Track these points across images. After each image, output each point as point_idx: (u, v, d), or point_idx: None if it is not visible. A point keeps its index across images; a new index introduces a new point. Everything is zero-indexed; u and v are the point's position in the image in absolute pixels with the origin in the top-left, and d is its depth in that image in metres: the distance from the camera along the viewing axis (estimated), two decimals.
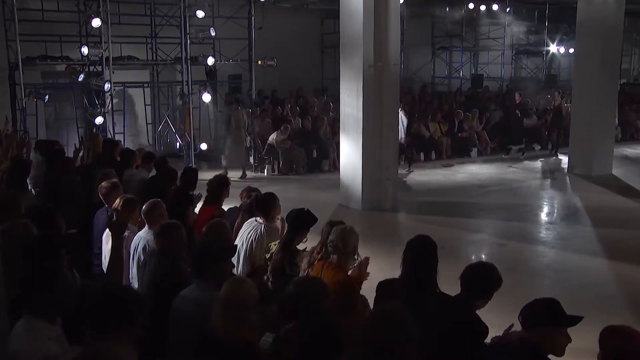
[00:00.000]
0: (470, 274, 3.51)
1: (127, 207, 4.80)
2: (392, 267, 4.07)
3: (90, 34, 12.40)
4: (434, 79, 21.27)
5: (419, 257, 3.76)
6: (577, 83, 13.71)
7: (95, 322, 2.56)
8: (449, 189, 12.40)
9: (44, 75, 13.77)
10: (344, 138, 10.64)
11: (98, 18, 11.40)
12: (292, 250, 4.40)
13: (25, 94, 11.54)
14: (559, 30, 20.94)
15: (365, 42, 9.80)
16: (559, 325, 2.99)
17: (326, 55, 18.28)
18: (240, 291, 3.01)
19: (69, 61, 12.86)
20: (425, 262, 3.75)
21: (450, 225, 9.38)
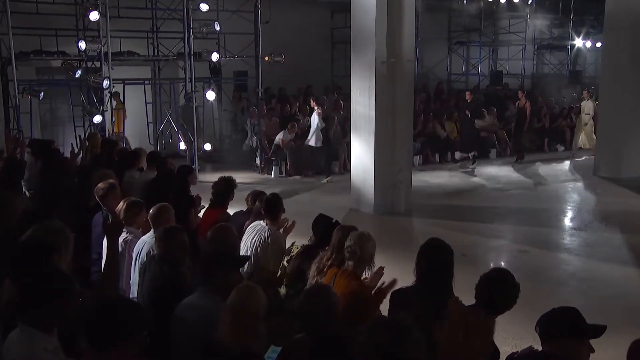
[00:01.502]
0: (485, 283, 3.47)
1: (132, 210, 4.81)
2: (407, 273, 4.05)
3: (88, 28, 12.46)
4: (450, 75, 21.23)
5: (433, 262, 3.74)
6: (605, 79, 13.64)
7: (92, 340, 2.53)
8: (466, 192, 12.36)
9: (38, 71, 13.84)
10: (355, 138, 10.64)
11: (96, 11, 11.41)
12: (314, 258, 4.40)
13: (19, 90, 11.54)
14: (584, 23, 20.80)
15: (378, 37, 9.80)
16: (581, 336, 2.93)
17: (336, 51, 18.30)
18: (250, 299, 3.01)
19: (66, 56, 12.90)
20: (440, 268, 3.73)
21: (468, 231, 9.36)
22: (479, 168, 14.47)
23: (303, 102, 16.08)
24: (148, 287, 3.97)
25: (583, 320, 2.97)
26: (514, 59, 21.10)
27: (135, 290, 4.34)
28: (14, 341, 2.68)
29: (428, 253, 3.78)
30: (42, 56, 12.76)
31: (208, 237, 4.41)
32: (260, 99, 14.16)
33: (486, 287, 3.42)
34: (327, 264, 4.14)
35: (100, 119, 11.85)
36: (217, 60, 13.57)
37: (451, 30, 21.03)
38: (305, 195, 11.51)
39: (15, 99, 11.57)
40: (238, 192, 6.21)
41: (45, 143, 9.03)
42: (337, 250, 4.14)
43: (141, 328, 2.56)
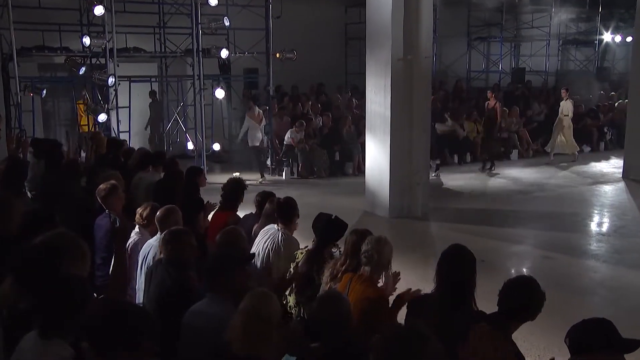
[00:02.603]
0: (508, 290, 3.43)
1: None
2: (425, 280, 4.04)
3: (93, 23, 12.51)
4: (470, 73, 21.16)
5: (455, 270, 3.71)
6: (636, 76, 13.51)
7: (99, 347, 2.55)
8: (486, 194, 12.30)
9: (41, 67, 13.93)
10: (369, 138, 10.63)
11: (101, 5, 11.43)
12: (320, 261, 4.39)
13: (21, 88, 11.62)
14: (614, 16, 20.63)
15: (394, 32, 9.77)
16: (615, 350, 2.90)
17: (350, 47, 18.30)
18: (265, 305, 3.02)
19: (69, 52, 13.01)
20: (461, 276, 3.70)
21: (488, 235, 9.30)
22: (501, 170, 14.38)
23: (315, 100, 16.10)
24: (155, 292, 3.98)
25: (617, 333, 2.94)
26: (537, 55, 20.99)
27: (141, 295, 4.35)
28: (28, 347, 2.70)
29: (450, 260, 3.75)
30: (44, 52, 12.87)
31: (217, 241, 4.42)
32: (271, 97, 14.18)
33: (510, 294, 3.38)
34: (342, 269, 4.14)
35: (105, 117, 11.89)
36: (227, 57, 13.61)
37: (471, 26, 20.95)
38: (318, 197, 11.51)
39: (17, 96, 11.62)
40: (248, 194, 6.22)
41: (48, 143, 9.10)
42: (352, 255, 4.14)
43: (149, 335, 2.57)
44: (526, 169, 14.70)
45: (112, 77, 11.77)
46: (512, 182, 13.42)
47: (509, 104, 17.10)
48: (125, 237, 3.73)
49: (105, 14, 11.57)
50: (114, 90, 12.07)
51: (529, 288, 3.41)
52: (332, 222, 4.58)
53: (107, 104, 12.11)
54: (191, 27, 12.99)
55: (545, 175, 14.06)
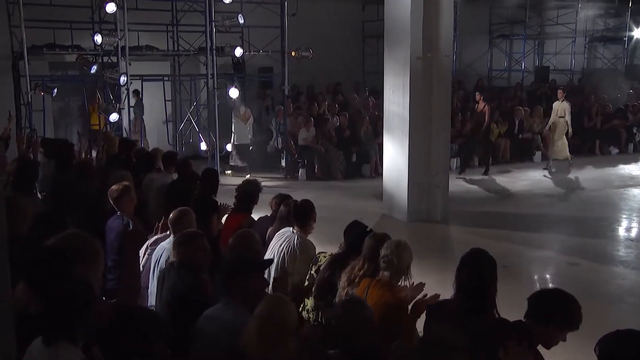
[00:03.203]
0: (540, 300, 3.40)
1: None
2: (444, 286, 4.03)
3: (104, 21, 12.64)
4: (491, 72, 21.06)
5: (475, 275, 3.71)
6: None
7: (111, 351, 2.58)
8: (508, 198, 12.24)
9: (51, 66, 14.10)
10: (387, 139, 10.62)
11: (113, 2, 11.51)
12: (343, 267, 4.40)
13: (31, 87, 11.70)
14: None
15: (413, 30, 9.76)
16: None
17: (368, 45, 18.31)
18: (282, 311, 3.03)
19: (80, 51, 13.14)
20: (482, 281, 3.69)
21: (510, 240, 9.26)
22: (523, 172, 14.28)
23: (332, 100, 16.11)
24: (167, 296, 4.00)
25: None
26: (562, 53, 20.81)
27: (153, 299, 4.38)
28: (38, 353, 2.73)
29: (470, 264, 3.74)
30: (55, 50, 12.98)
31: (230, 244, 4.44)
32: (287, 96, 14.21)
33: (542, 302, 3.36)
34: (359, 274, 4.15)
35: (117, 117, 11.97)
36: (241, 55, 13.66)
37: (492, 23, 20.84)
38: (334, 199, 11.52)
39: (27, 95, 11.72)
40: (262, 196, 6.24)
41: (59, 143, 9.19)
42: (369, 260, 4.15)
43: (161, 340, 2.60)
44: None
45: (124, 76, 11.86)
46: (536, 184, 13.33)
47: (532, 103, 16.99)
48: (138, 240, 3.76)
49: (117, 11, 11.65)
50: (126, 90, 12.17)
51: (565, 303, 3.38)
52: (367, 235, 4.57)
53: (119, 104, 12.20)
54: (205, 25, 13.03)
55: (571, 177, 13.95)
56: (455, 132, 14.38)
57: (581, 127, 16.58)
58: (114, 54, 12.20)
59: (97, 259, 3.41)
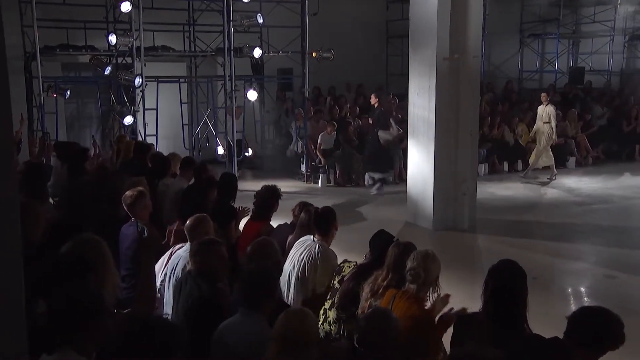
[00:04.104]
0: (584, 321, 3.36)
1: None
2: (472, 298, 4.02)
3: (119, 20, 12.78)
4: (522, 73, 20.92)
5: (504, 287, 3.70)
6: None
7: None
8: (539, 206, 12.15)
9: (64, 67, 14.27)
10: (412, 144, 10.61)
11: (128, 1, 11.62)
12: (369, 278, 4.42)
13: (44, 88, 11.86)
14: None
15: (440, 30, 9.75)
16: None
17: (392, 46, 18.30)
18: (302, 324, 3.06)
19: (94, 51, 13.27)
20: (511, 294, 3.69)
21: (541, 251, 9.20)
22: (557, 179, 14.17)
23: (354, 103, 16.12)
24: (184, 305, 4.04)
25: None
26: (599, 53, 20.58)
27: (169, 309, 4.43)
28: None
29: (498, 276, 3.73)
30: (69, 51, 13.11)
31: (248, 252, 4.47)
32: (307, 99, 14.26)
33: (583, 323, 3.34)
34: (383, 284, 4.15)
35: (131, 120, 12.09)
36: (260, 56, 13.69)
37: (523, 22, 20.69)
38: (357, 207, 11.53)
39: (40, 97, 11.87)
40: (282, 202, 6.27)
41: (72, 147, 9.31)
42: (394, 270, 4.15)
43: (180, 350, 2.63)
44: (585, 178, 14.46)
45: (138, 78, 11.96)
46: (569, 192, 13.21)
47: (566, 106, 16.85)
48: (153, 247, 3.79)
49: (132, 10, 11.75)
50: (141, 92, 12.25)
51: (610, 324, 3.35)
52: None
53: (134, 106, 12.29)
54: (222, 25, 13.10)
55: (608, 185, 13.79)
56: (483, 137, 14.31)
57: (619, 131, 16.39)
58: (129, 55, 12.32)
59: (108, 267, 3.45)
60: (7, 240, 1.75)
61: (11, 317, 1.75)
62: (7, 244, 1.75)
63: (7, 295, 1.72)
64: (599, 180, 14.25)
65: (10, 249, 1.75)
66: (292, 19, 13.86)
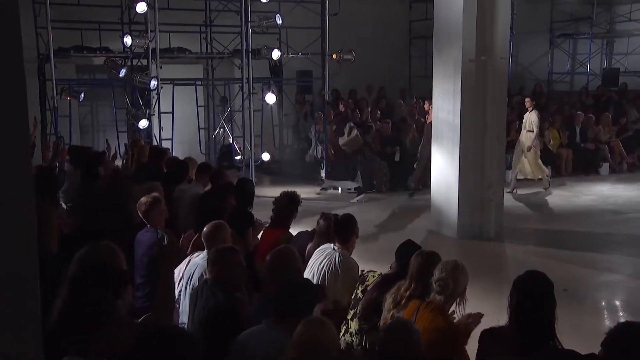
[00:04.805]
0: (626, 336, 3.28)
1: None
2: (498, 311, 4.01)
3: (134, 21, 12.89)
4: (552, 75, 20.78)
5: (529, 299, 3.67)
6: None
7: None
8: (570, 214, 12.03)
9: (78, 69, 14.44)
10: (436, 149, 10.59)
11: (144, 2, 11.69)
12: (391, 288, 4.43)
13: (57, 91, 11.97)
14: None
15: (466, 30, 9.73)
16: None
17: (415, 47, 18.29)
18: (321, 334, 3.09)
19: (109, 53, 13.40)
20: (539, 307, 3.66)
21: (572, 262, 9.11)
22: (588, 186, 14.05)
23: (375, 106, 16.12)
24: (200, 315, 4.08)
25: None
26: (635, 54, 20.33)
27: (185, 318, 4.46)
28: None
29: (524, 288, 3.71)
30: (83, 53, 13.27)
31: (267, 261, 4.49)
32: (327, 102, 14.27)
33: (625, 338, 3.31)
34: (406, 294, 4.16)
35: (146, 123, 12.15)
36: (278, 58, 13.76)
37: (554, 21, 20.57)
38: (379, 214, 11.52)
39: (53, 100, 12.00)
40: (301, 209, 6.30)
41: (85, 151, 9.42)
42: (417, 280, 4.15)
43: None
44: (619, 185, 14.33)
45: (154, 80, 12.02)
46: (602, 200, 13.08)
47: (599, 110, 16.71)
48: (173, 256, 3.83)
49: (148, 11, 11.83)
50: (156, 94, 12.33)
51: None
52: None
53: (149, 109, 12.39)
54: (240, 26, 13.15)
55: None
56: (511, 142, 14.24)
57: None
58: (144, 57, 12.42)
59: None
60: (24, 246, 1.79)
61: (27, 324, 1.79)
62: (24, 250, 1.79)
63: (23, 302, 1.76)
64: (634, 187, 14.09)
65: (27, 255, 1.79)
66: (312, 20, 13.91)
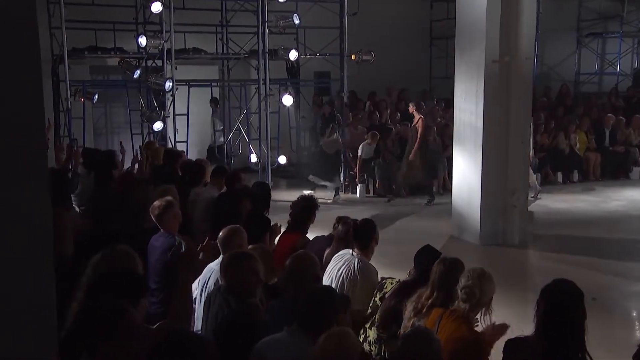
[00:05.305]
0: None
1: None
2: (523, 321, 3.98)
3: (149, 21, 13.00)
4: (579, 76, 20.59)
5: (558, 309, 3.64)
6: None
7: None
8: (598, 220, 11.92)
9: (92, 70, 14.58)
10: (458, 152, 10.56)
11: (159, 2, 11.75)
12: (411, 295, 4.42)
13: (71, 92, 12.08)
14: None
15: (489, 29, 9.70)
16: None
17: (436, 47, 18.24)
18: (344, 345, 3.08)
19: (123, 54, 13.51)
20: (567, 317, 3.63)
21: (601, 270, 9.02)
22: (617, 191, 13.92)
23: (395, 108, 16.10)
24: (212, 322, 4.08)
25: None
26: None
27: (199, 324, 4.47)
28: None
29: (552, 297, 3.67)
30: (97, 53, 13.38)
31: (286, 267, 4.49)
32: (345, 104, 14.27)
33: None
34: (427, 303, 4.15)
35: (161, 125, 12.19)
36: (296, 59, 13.78)
37: (582, 20, 20.34)
38: (398, 219, 11.50)
39: (67, 101, 12.10)
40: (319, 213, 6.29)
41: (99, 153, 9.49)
42: (439, 288, 4.14)
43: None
44: None
45: (169, 81, 12.07)
46: (633, 205, 12.94)
47: (629, 112, 16.55)
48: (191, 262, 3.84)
49: (163, 11, 11.90)
50: (171, 96, 12.39)
51: None
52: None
53: (164, 111, 12.45)
54: (257, 26, 13.16)
55: None
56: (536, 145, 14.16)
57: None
58: (159, 57, 12.50)
59: None
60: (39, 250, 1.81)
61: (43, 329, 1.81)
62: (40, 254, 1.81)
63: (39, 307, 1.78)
64: None
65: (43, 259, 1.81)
66: (330, 20, 13.91)
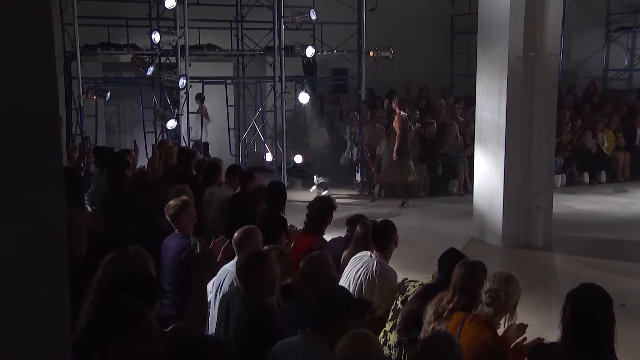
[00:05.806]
0: None
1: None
2: (548, 326, 3.96)
3: (163, 17, 13.08)
4: (607, 72, 20.41)
5: (586, 314, 3.62)
6: None
7: None
8: (627, 223, 11.83)
9: (105, 67, 14.69)
10: (479, 152, 10.53)
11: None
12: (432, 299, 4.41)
13: (84, 90, 12.15)
14: None
15: (513, 25, 9.66)
16: None
17: (457, 43, 18.18)
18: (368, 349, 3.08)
19: (136, 50, 13.60)
20: (595, 323, 3.60)
21: (629, 274, 8.94)
22: None
23: (415, 106, 16.05)
24: (234, 326, 4.09)
25: None
26: None
27: (213, 328, 4.49)
28: None
29: (579, 302, 3.65)
30: (110, 50, 13.48)
31: (300, 268, 4.50)
32: (363, 102, 14.26)
33: None
34: (448, 307, 4.14)
35: (174, 124, 12.22)
36: (312, 55, 13.79)
37: (610, 13, 20.12)
38: (416, 220, 11.48)
39: (79, 99, 12.18)
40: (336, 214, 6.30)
41: (112, 152, 9.56)
42: (460, 291, 4.13)
43: None
44: None
45: (183, 79, 12.08)
46: None
47: None
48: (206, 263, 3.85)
49: (176, 7, 11.94)
50: (185, 93, 12.41)
51: None
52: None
53: (177, 109, 12.50)
54: (272, 22, 13.20)
55: None
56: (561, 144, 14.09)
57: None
58: (173, 54, 12.56)
59: None
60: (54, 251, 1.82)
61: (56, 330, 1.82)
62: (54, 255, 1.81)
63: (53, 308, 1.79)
64: None
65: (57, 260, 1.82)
66: (348, 15, 13.91)
